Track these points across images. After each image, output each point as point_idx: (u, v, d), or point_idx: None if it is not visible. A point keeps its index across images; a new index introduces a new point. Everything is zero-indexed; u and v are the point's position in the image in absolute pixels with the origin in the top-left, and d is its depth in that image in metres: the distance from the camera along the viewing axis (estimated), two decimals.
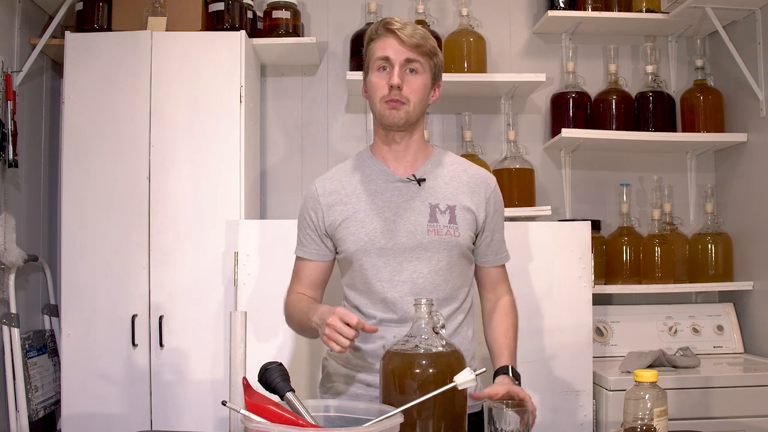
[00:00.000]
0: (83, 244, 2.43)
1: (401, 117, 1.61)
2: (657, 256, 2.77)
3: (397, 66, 1.59)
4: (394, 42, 1.60)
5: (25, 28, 2.65)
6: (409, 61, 1.60)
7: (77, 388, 2.39)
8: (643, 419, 1.27)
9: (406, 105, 1.60)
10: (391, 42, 1.60)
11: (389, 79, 1.59)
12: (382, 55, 1.60)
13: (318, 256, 1.70)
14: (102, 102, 2.47)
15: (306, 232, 1.70)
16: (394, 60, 1.59)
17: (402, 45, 1.59)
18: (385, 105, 1.60)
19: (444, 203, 1.64)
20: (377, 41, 1.62)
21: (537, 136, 3.00)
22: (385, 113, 1.61)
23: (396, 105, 1.60)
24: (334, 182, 1.70)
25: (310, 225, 1.69)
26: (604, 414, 2.37)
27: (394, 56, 1.59)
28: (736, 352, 2.77)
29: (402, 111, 1.60)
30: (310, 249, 1.70)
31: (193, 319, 2.43)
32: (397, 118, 1.61)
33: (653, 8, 2.84)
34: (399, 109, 1.60)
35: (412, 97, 1.60)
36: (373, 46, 1.63)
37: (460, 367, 1.29)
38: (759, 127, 2.71)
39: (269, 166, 2.96)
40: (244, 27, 2.61)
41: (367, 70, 1.66)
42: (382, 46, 1.61)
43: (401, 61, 1.59)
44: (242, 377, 1.31)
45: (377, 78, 1.61)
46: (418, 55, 1.60)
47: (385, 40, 1.61)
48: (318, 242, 1.68)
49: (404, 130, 1.64)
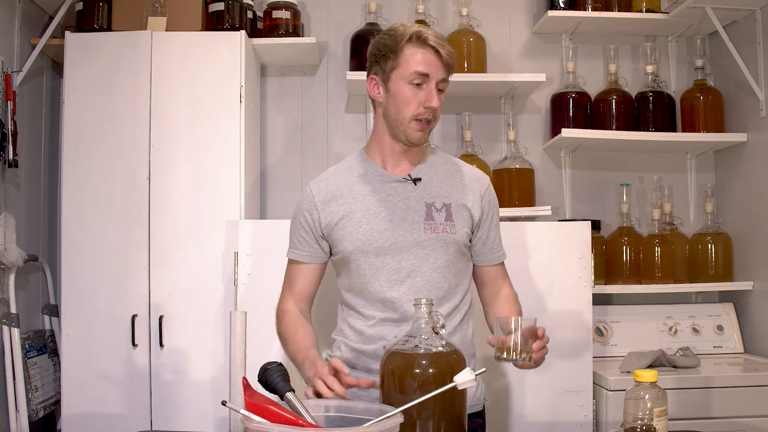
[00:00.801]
0: (83, 244, 2.43)
1: (426, 137, 1.64)
2: (657, 256, 2.77)
3: (433, 84, 1.57)
4: (434, 59, 1.57)
5: (25, 28, 2.65)
6: (443, 80, 1.60)
7: (77, 388, 2.40)
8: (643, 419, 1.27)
9: (432, 123, 1.61)
10: (430, 57, 1.57)
11: (427, 99, 1.57)
12: (422, 71, 1.56)
13: (311, 258, 1.70)
14: (102, 102, 2.47)
15: (300, 234, 1.70)
16: (432, 78, 1.57)
17: (440, 62, 1.58)
18: (415, 124, 1.59)
19: (440, 201, 1.64)
20: (411, 49, 1.57)
21: (537, 136, 3.00)
22: (412, 134, 1.60)
23: (425, 126, 1.60)
24: (329, 184, 1.70)
25: (305, 227, 1.68)
26: (604, 414, 2.37)
27: (433, 74, 1.57)
28: (736, 352, 2.77)
29: (428, 130, 1.63)
30: (303, 251, 1.69)
31: (193, 319, 2.43)
32: (424, 138, 1.63)
33: (653, 8, 2.84)
34: (426, 129, 1.61)
35: (438, 114, 1.62)
36: (405, 52, 1.57)
37: (460, 367, 1.29)
38: (759, 127, 2.71)
39: (269, 166, 2.96)
40: (244, 27, 2.61)
41: (388, 73, 1.60)
42: (422, 61, 1.56)
43: (438, 79, 1.58)
44: (242, 377, 1.31)
45: (411, 93, 1.57)
46: (447, 75, 1.61)
47: (424, 53, 1.57)
48: (313, 244, 1.68)
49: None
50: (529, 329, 1.39)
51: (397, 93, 1.58)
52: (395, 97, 1.59)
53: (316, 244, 1.68)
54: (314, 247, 1.68)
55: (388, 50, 1.59)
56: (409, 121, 1.59)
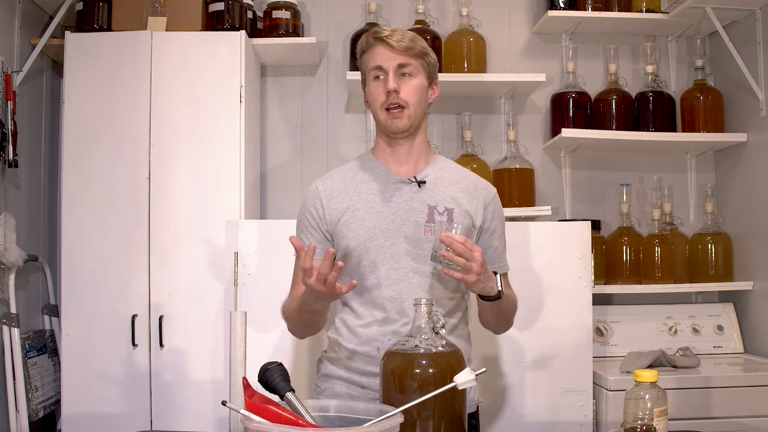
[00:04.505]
0: (83, 244, 2.43)
1: (404, 124, 1.64)
2: (657, 256, 2.77)
3: (391, 72, 1.62)
4: (384, 50, 1.64)
5: (25, 28, 2.65)
6: (401, 65, 1.63)
7: (77, 388, 2.40)
8: (643, 419, 1.27)
9: (406, 109, 1.63)
10: (381, 50, 1.64)
11: (385, 86, 1.62)
12: (375, 65, 1.64)
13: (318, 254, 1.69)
14: (102, 102, 2.47)
15: (308, 230, 1.70)
16: (386, 67, 1.63)
17: (392, 51, 1.63)
18: (386, 114, 1.64)
19: (442, 205, 1.65)
20: (368, 52, 1.66)
21: (537, 136, 3.00)
22: (387, 123, 1.65)
23: (397, 113, 1.63)
24: (334, 181, 1.71)
25: (312, 223, 1.69)
26: (604, 414, 2.37)
27: (386, 64, 1.63)
28: (736, 352, 2.77)
29: (404, 118, 1.64)
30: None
31: (193, 319, 2.43)
32: (401, 125, 1.64)
33: (653, 8, 2.84)
34: (401, 117, 1.63)
35: (410, 99, 1.63)
36: (365, 57, 1.68)
37: (460, 367, 1.29)
38: (759, 127, 2.71)
39: (269, 166, 2.96)
40: (244, 27, 2.61)
41: (364, 81, 1.70)
42: (373, 56, 1.65)
43: (394, 67, 1.63)
44: (242, 377, 1.31)
45: (374, 87, 1.65)
46: (409, 58, 1.64)
47: (375, 49, 1.65)
48: (321, 240, 1.68)
49: (408, 135, 1.67)
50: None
51: (369, 92, 1.68)
52: (369, 98, 1.69)
53: (324, 240, 1.68)
54: (322, 244, 1.68)
55: (360, 62, 1.71)
56: (381, 112, 1.65)
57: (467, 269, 1.44)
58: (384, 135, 1.69)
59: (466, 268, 1.44)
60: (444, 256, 1.44)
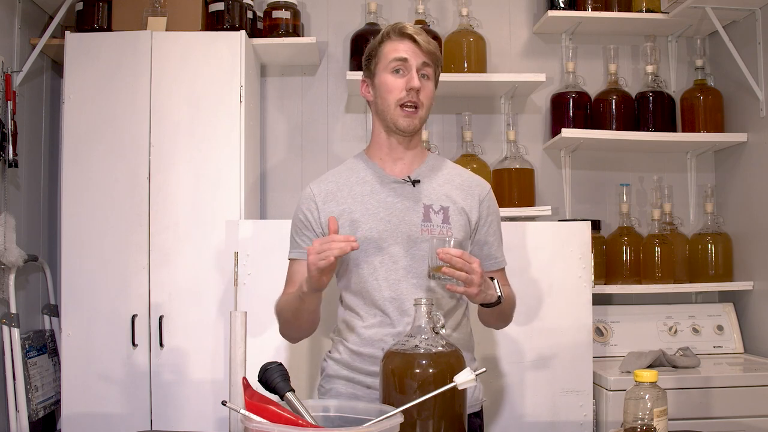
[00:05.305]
0: (83, 244, 2.43)
1: (415, 124, 1.63)
2: (657, 256, 2.77)
3: (414, 69, 1.60)
4: (411, 45, 1.61)
5: (25, 28, 2.65)
6: (425, 65, 1.62)
7: (77, 388, 2.40)
8: (643, 419, 1.27)
9: (420, 110, 1.62)
10: (408, 45, 1.61)
11: (408, 82, 1.59)
12: (400, 56, 1.60)
13: None
14: (102, 102, 2.47)
15: (302, 232, 1.69)
16: (411, 63, 1.60)
17: (419, 49, 1.60)
18: (400, 111, 1.61)
19: (438, 204, 1.65)
20: (391, 43, 1.62)
21: (537, 136, 3.00)
22: (399, 120, 1.62)
23: (412, 113, 1.61)
24: (328, 183, 1.70)
25: (306, 225, 1.68)
26: (604, 414, 2.37)
27: (412, 59, 1.60)
28: (736, 352, 2.77)
29: (417, 118, 1.62)
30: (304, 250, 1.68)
31: (193, 319, 2.43)
32: (412, 125, 1.63)
33: (653, 8, 2.84)
34: (414, 117, 1.62)
35: (426, 101, 1.63)
36: (385, 47, 1.63)
37: (460, 367, 1.29)
38: (759, 127, 2.71)
39: (269, 166, 2.96)
40: (244, 27, 2.61)
41: (373, 70, 1.66)
42: (396, 48, 1.61)
43: (418, 64, 1.60)
44: (242, 377, 1.31)
45: (392, 79, 1.61)
46: (431, 62, 1.63)
47: (401, 42, 1.61)
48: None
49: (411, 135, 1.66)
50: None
51: (381, 84, 1.63)
52: (380, 88, 1.64)
53: None
54: None
55: (372, 51, 1.66)
56: (395, 107, 1.61)
57: (468, 282, 1.44)
58: (384, 131, 1.67)
59: (467, 281, 1.43)
60: (445, 272, 1.43)
